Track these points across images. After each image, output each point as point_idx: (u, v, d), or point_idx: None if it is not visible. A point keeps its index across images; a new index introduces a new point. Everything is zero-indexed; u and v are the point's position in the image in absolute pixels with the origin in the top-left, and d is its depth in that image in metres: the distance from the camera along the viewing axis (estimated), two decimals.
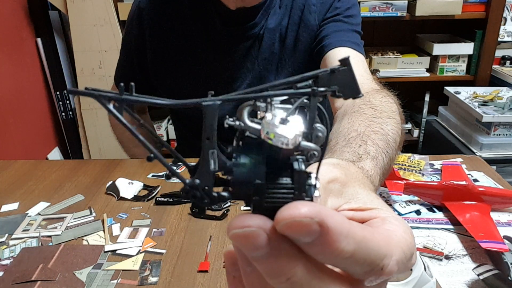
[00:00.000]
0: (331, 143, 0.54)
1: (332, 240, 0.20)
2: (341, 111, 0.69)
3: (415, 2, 2.05)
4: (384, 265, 0.22)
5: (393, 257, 0.22)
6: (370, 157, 0.46)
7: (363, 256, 0.21)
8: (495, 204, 0.79)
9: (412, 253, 0.25)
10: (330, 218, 0.19)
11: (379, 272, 0.22)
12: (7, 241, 0.76)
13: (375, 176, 0.42)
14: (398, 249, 0.23)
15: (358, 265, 0.21)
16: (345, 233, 0.20)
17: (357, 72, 0.87)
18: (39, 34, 2.10)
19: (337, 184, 0.28)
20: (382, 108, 0.62)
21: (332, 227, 0.19)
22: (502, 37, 2.25)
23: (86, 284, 0.65)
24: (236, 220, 0.20)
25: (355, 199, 0.28)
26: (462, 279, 0.64)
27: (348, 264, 0.21)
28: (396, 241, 0.23)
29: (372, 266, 0.22)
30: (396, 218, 0.26)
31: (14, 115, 1.91)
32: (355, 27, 0.92)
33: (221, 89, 0.99)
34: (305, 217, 0.19)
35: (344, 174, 0.29)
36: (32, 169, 1.02)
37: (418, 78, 2.21)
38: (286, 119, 0.20)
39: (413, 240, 0.25)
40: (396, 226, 0.25)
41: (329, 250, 0.20)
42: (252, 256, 0.20)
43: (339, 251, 0.20)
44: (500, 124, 1.78)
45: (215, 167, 0.21)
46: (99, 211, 0.84)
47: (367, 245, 0.21)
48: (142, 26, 1.00)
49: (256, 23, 0.94)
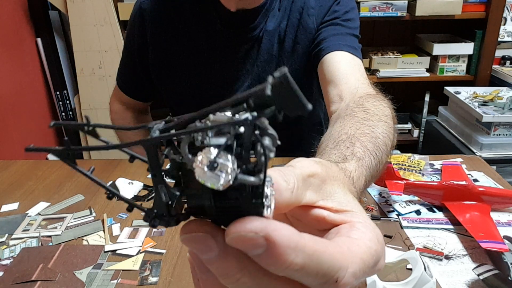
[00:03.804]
0: (321, 146, 0.54)
1: (279, 253, 0.20)
2: (335, 115, 0.70)
3: (415, 2, 2.05)
4: (338, 277, 0.22)
5: (349, 269, 0.22)
6: (355, 158, 0.46)
7: (314, 268, 0.21)
8: (495, 204, 0.79)
9: (376, 260, 0.25)
10: (277, 232, 0.20)
11: (333, 284, 0.22)
12: (7, 241, 0.76)
13: (359, 176, 0.42)
14: (356, 260, 0.23)
15: (311, 277, 0.22)
16: (292, 246, 0.20)
17: (353, 76, 0.86)
18: (39, 34, 2.10)
19: (317, 179, 0.28)
20: (374, 111, 0.62)
21: (278, 241, 0.20)
22: (502, 37, 2.25)
23: (86, 284, 0.65)
24: (185, 227, 0.23)
25: (332, 197, 0.28)
26: (462, 279, 0.64)
27: (300, 276, 0.21)
28: (355, 251, 0.24)
29: (326, 279, 0.22)
30: (365, 225, 0.26)
31: (14, 115, 1.91)
32: (353, 30, 0.92)
33: (221, 90, 0.99)
34: (250, 232, 0.20)
35: (325, 171, 0.29)
36: (32, 169, 1.02)
37: (418, 78, 2.21)
38: (215, 161, 0.20)
39: (380, 246, 0.26)
40: (362, 234, 0.25)
41: (277, 262, 0.20)
42: (204, 258, 0.22)
43: (287, 264, 0.20)
44: (500, 124, 1.78)
45: (166, 199, 0.23)
46: (99, 211, 0.84)
47: (319, 258, 0.21)
48: (144, 26, 1.00)
49: (255, 26, 0.94)
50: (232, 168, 0.20)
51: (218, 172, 0.20)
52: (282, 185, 0.25)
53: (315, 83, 0.98)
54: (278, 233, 0.20)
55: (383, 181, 0.82)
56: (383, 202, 0.84)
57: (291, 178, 0.26)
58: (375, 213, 0.81)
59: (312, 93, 1.04)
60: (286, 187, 0.25)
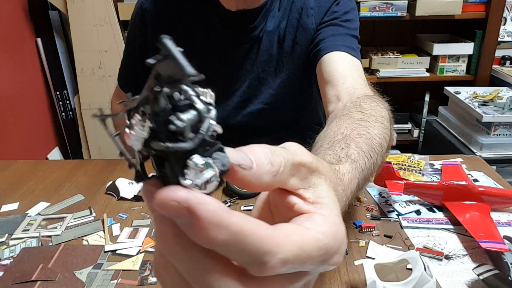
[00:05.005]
0: (316, 145, 0.54)
1: (201, 227, 0.21)
2: (332, 115, 0.69)
3: (415, 2, 2.05)
4: (264, 260, 0.22)
5: (278, 255, 0.22)
6: (350, 160, 0.46)
7: (239, 248, 0.22)
8: (495, 204, 0.79)
9: (325, 255, 0.25)
10: (201, 205, 0.21)
11: (261, 266, 0.22)
12: (7, 241, 0.76)
13: (351, 180, 0.42)
14: (290, 248, 0.23)
15: (235, 255, 0.22)
16: (215, 222, 0.21)
17: (351, 77, 0.86)
18: (39, 34, 2.10)
19: (305, 169, 0.28)
20: (371, 112, 0.62)
21: (202, 215, 0.21)
22: (502, 37, 2.25)
23: (86, 284, 0.65)
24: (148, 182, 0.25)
25: (313, 188, 0.28)
26: (462, 279, 0.64)
27: (226, 252, 0.22)
28: (294, 240, 0.24)
29: (251, 259, 0.22)
30: (325, 218, 0.26)
31: (14, 115, 1.91)
32: (352, 31, 0.92)
33: (221, 90, 1.00)
34: (171, 200, 0.21)
35: (316, 163, 0.29)
36: (32, 169, 1.02)
37: (418, 78, 2.21)
38: (130, 124, 0.23)
39: (335, 243, 0.26)
40: (316, 226, 0.25)
41: (200, 235, 0.22)
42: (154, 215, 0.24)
43: (209, 238, 0.21)
44: (500, 124, 1.78)
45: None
46: (99, 211, 0.84)
47: (244, 238, 0.22)
48: (144, 26, 1.00)
49: (255, 26, 0.94)
50: (138, 133, 0.22)
51: (133, 135, 0.23)
52: (265, 167, 0.25)
53: (315, 84, 0.98)
54: (202, 206, 0.21)
55: (383, 181, 0.82)
56: (383, 202, 0.84)
57: (277, 160, 0.26)
58: (375, 213, 0.81)
59: (312, 93, 1.04)
60: (268, 169, 0.25)
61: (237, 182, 0.25)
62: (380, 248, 0.71)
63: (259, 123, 1.01)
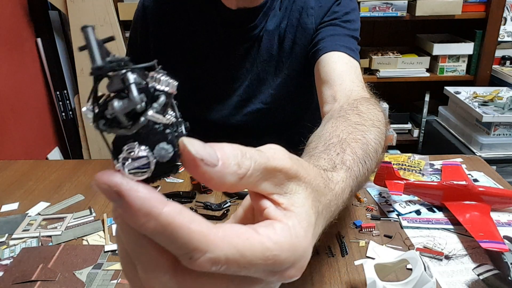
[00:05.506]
0: (311, 145, 0.53)
1: (131, 213, 0.22)
2: (328, 116, 0.68)
3: (415, 2, 2.05)
4: (192, 256, 0.22)
5: (208, 253, 0.22)
6: (345, 167, 0.44)
7: (167, 239, 0.22)
8: (495, 204, 0.79)
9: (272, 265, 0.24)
10: (131, 192, 0.22)
11: (188, 261, 0.23)
12: (7, 241, 0.76)
13: (345, 189, 0.40)
14: (225, 249, 0.23)
15: (166, 245, 0.23)
16: (144, 211, 0.22)
17: (349, 78, 0.85)
18: (39, 34, 2.10)
19: (282, 175, 0.27)
20: (368, 115, 0.61)
21: (132, 202, 0.22)
22: (502, 37, 2.25)
23: (86, 284, 0.65)
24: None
25: (289, 195, 0.27)
26: (462, 279, 0.64)
27: (156, 239, 0.23)
28: (232, 242, 0.23)
29: (180, 252, 0.23)
30: (287, 229, 0.25)
31: (14, 115, 1.91)
32: (352, 32, 0.91)
33: (221, 89, 1.00)
34: (103, 183, 0.22)
35: (296, 170, 0.28)
36: (32, 169, 1.02)
37: (418, 78, 2.21)
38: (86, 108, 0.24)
39: (290, 256, 0.25)
40: (271, 234, 0.24)
41: (131, 220, 0.22)
42: None
43: (138, 225, 0.22)
44: (500, 124, 1.78)
45: None
46: (99, 211, 0.84)
47: (174, 231, 0.22)
48: (146, 24, 1.01)
49: (256, 25, 0.94)
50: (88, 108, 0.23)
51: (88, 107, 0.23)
52: (231, 168, 0.25)
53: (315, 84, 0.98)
54: (132, 193, 0.22)
55: (383, 181, 0.81)
56: (383, 202, 0.84)
57: (246, 163, 0.25)
58: (375, 213, 0.81)
59: (313, 94, 1.04)
60: (234, 171, 0.25)
61: (198, 177, 0.24)
62: (380, 248, 0.71)
63: (259, 122, 1.01)
